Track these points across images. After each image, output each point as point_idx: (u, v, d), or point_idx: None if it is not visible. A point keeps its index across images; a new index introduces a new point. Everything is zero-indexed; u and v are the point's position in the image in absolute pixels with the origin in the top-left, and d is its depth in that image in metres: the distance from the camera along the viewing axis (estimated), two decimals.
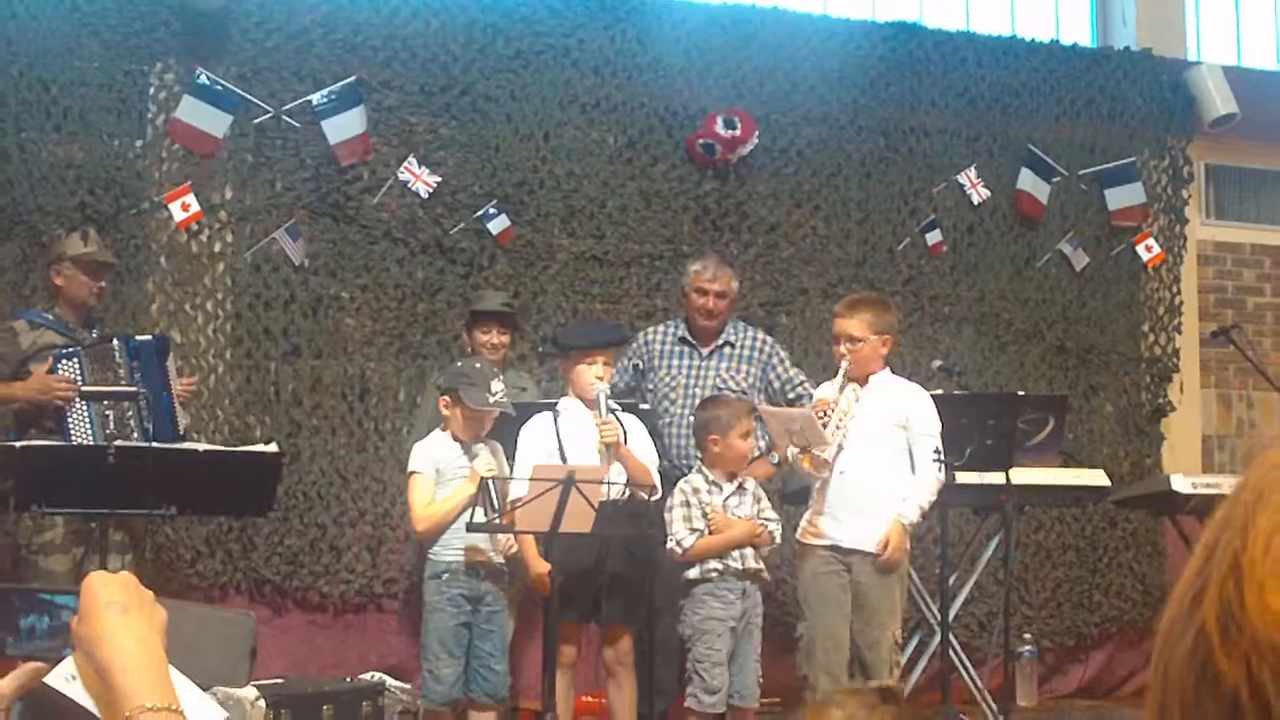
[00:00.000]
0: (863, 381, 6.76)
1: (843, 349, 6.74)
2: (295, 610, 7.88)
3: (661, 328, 7.70)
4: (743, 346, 7.54)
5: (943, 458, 6.66)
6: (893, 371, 6.93)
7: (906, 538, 6.67)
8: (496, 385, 6.56)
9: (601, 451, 6.56)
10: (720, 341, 7.52)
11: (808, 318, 8.82)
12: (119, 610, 1.51)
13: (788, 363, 7.68)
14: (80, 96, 7.80)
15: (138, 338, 6.93)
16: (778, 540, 6.76)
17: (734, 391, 7.28)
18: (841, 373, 6.71)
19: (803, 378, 7.62)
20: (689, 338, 7.54)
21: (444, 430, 6.64)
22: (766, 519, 6.70)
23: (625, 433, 6.62)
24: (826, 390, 6.80)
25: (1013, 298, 9.34)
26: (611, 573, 6.58)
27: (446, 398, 6.61)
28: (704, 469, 6.72)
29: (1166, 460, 9.49)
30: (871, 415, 6.67)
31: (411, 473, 6.62)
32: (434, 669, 6.45)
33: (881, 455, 6.63)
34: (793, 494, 7.69)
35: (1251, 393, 9.85)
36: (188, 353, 7.79)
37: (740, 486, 6.71)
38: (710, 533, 6.59)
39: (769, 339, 7.73)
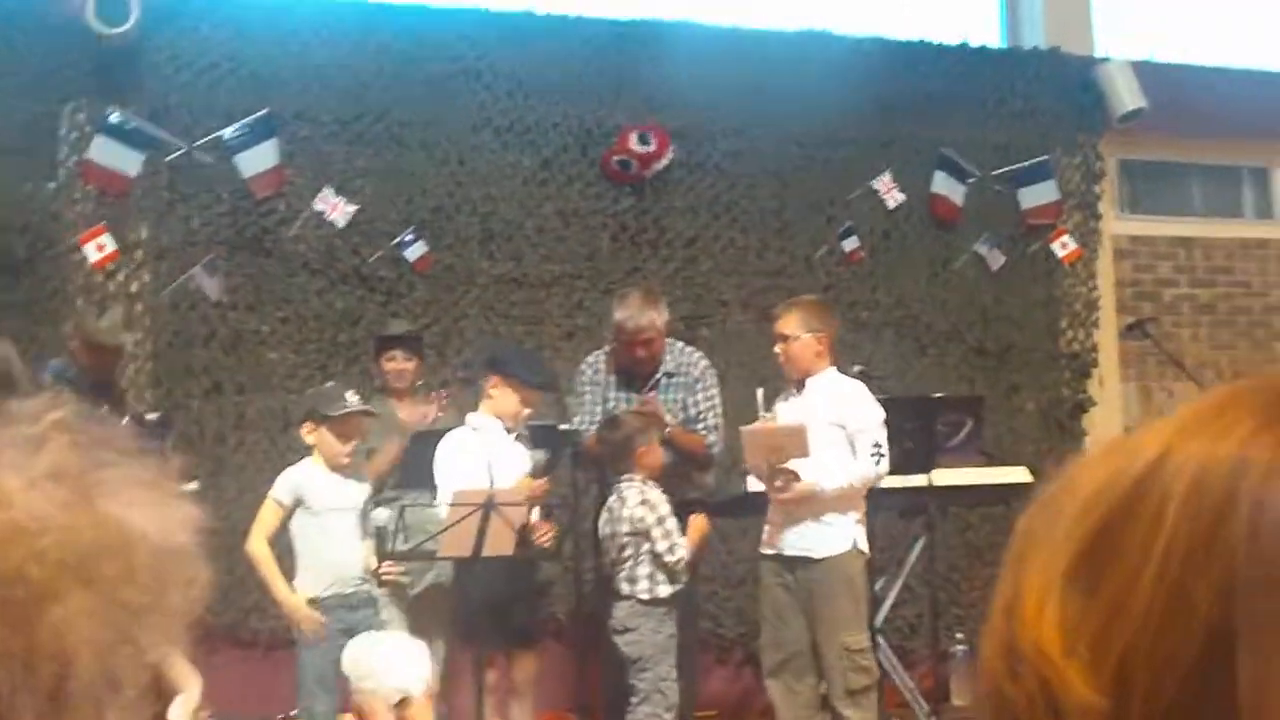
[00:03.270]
0: (800, 385, 6.77)
1: (777, 348, 6.77)
2: (225, 648, 7.85)
3: (602, 357, 7.32)
4: (684, 374, 7.23)
5: (883, 452, 6.65)
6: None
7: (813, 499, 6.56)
8: (351, 395, 6.49)
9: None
10: (659, 374, 7.22)
11: (728, 330, 8.88)
12: None
13: (711, 393, 7.27)
14: None
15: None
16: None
17: (682, 423, 7.10)
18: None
19: (715, 419, 7.21)
20: (627, 372, 7.21)
21: (314, 461, 6.47)
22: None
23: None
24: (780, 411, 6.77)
25: (931, 301, 9.43)
26: (510, 596, 6.56)
27: (308, 424, 6.47)
28: (645, 482, 6.64)
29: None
30: (808, 416, 6.64)
31: (269, 497, 6.44)
32: (309, 706, 6.28)
33: (821, 458, 6.56)
34: (720, 504, 7.70)
35: (1172, 384, 9.96)
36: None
37: None
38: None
39: (705, 365, 7.32)
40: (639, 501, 6.55)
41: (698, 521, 6.65)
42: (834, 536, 6.60)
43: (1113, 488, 0.81)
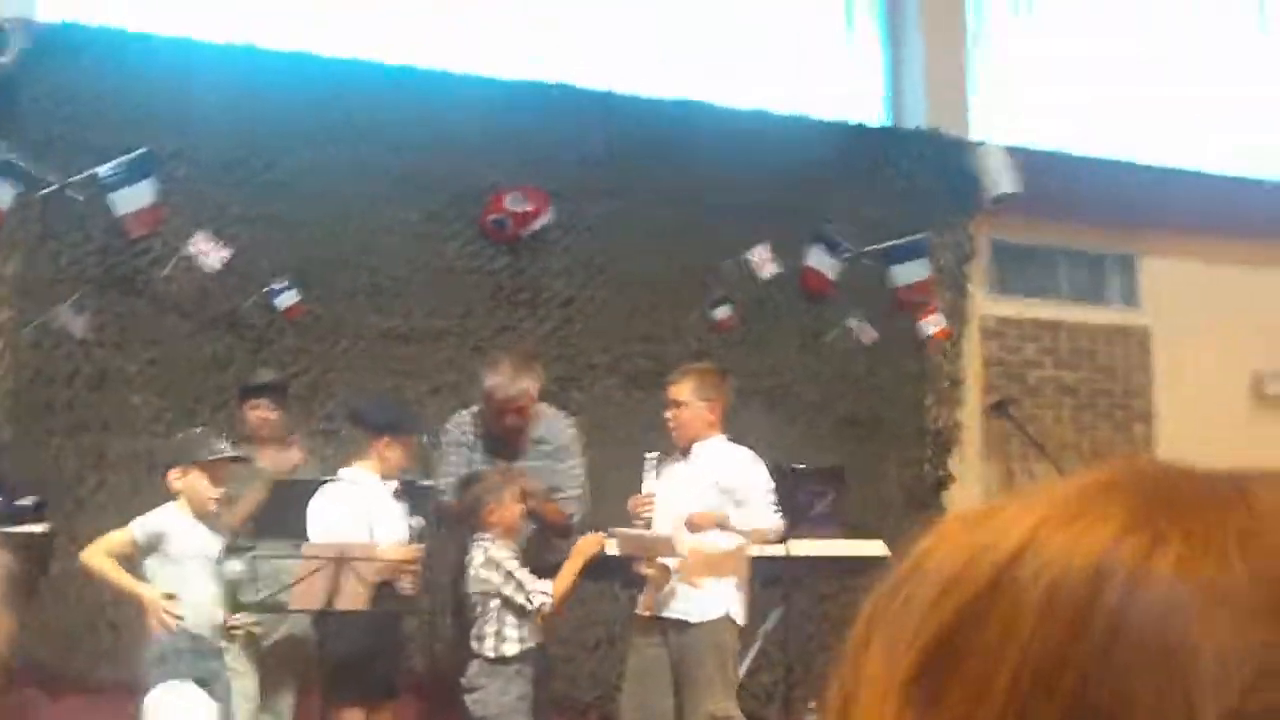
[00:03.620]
0: (686, 450, 6.84)
1: (668, 414, 6.84)
2: (72, 694, 7.70)
3: (468, 418, 7.23)
4: (550, 441, 7.15)
5: (777, 507, 6.78)
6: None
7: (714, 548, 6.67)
8: (222, 442, 6.49)
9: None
10: (530, 440, 7.15)
11: (597, 393, 8.92)
12: None
13: (574, 463, 7.21)
14: None
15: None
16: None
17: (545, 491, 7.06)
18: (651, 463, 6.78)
19: (577, 489, 7.16)
20: (495, 437, 7.12)
21: (178, 506, 6.42)
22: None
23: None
24: (648, 483, 6.83)
25: (802, 371, 9.54)
26: (370, 649, 6.55)
27: (176, 469, 6.42)
28: (495, 541, 6.63)
29: None
30: (693, 481, 6.74)
31: (126, 528, 6.37)
32: None
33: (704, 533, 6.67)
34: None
35: (1034, 465, 10.13)
36: None
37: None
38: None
39: (572, 433, 7.27)
40: (482, 562, 6.57)
41: (586, 542, 6.67)
42: (711, 602, 6.67)
43: (965, 582, 0.73)
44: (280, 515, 6.63)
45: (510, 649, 6.54)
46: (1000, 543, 0.72)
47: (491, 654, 6.54)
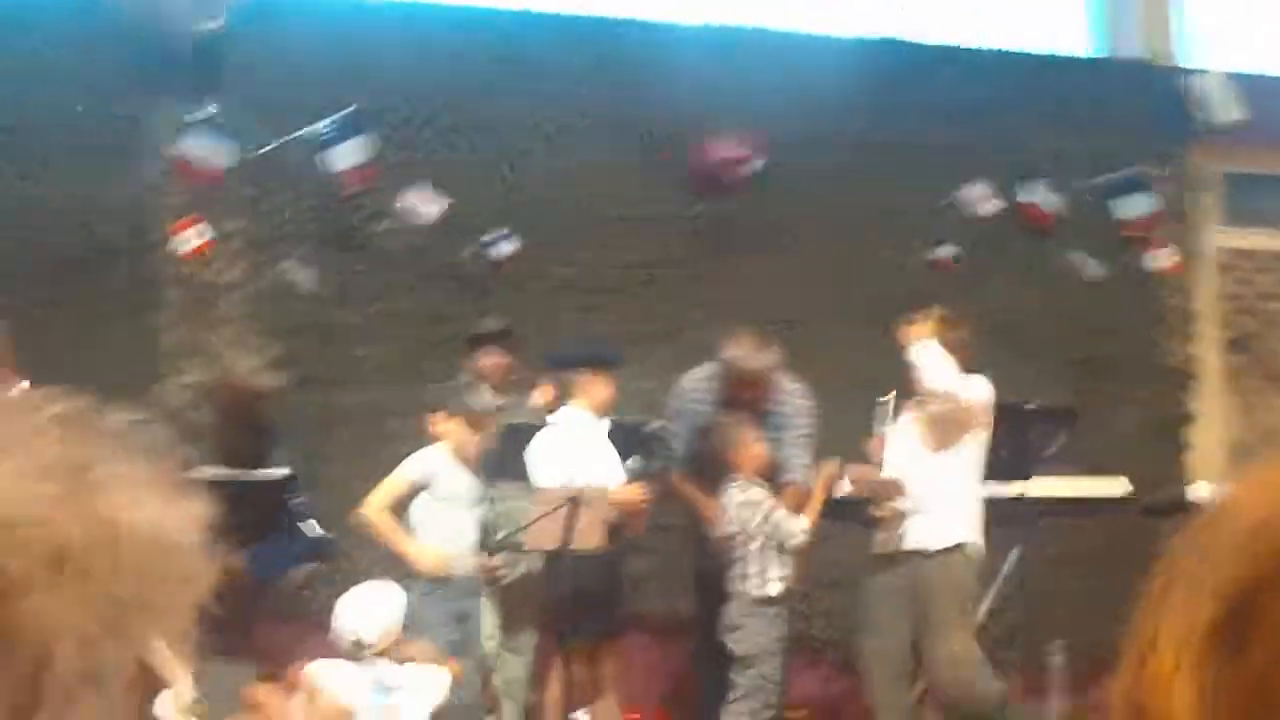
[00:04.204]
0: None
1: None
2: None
3: (703, 381, 7.25)
4: (780, 411, 7.16)
5: None
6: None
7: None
8: (487, 392, 6.70)
9: None
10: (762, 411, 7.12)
11: (816, 337, 8.68)
12: None
13: (801, 434, 7.17)
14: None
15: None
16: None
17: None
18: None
19: (801, 460, 7.14)
20: (730, 408, 7.09)
21: (442, 449, 6.68)
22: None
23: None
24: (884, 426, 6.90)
25: (1028, 309, 9.27)
26: (596, 590, 6.51)
27: (440, 413, 6.69)
28: (747, 481, 6.69)
29: (1193, 468, 9.40)
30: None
31: (397, 471, 6.69)
32: None
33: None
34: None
35: (1275, 401, 9.75)
36: None
37: None
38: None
39: (800, 403, 7.23)
40: (741, 502, 6.60)
41: (825, 469, 6.75)
42: (948, 531, 6.71)
43: (1268, 534, 0.71)
44: (514, 458, 6.64)
45: (774, 589, 6.57)
46: None
47: (756, 593, 6.53)
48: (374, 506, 6.56)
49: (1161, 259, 9.58)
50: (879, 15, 9.68)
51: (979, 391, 6.70)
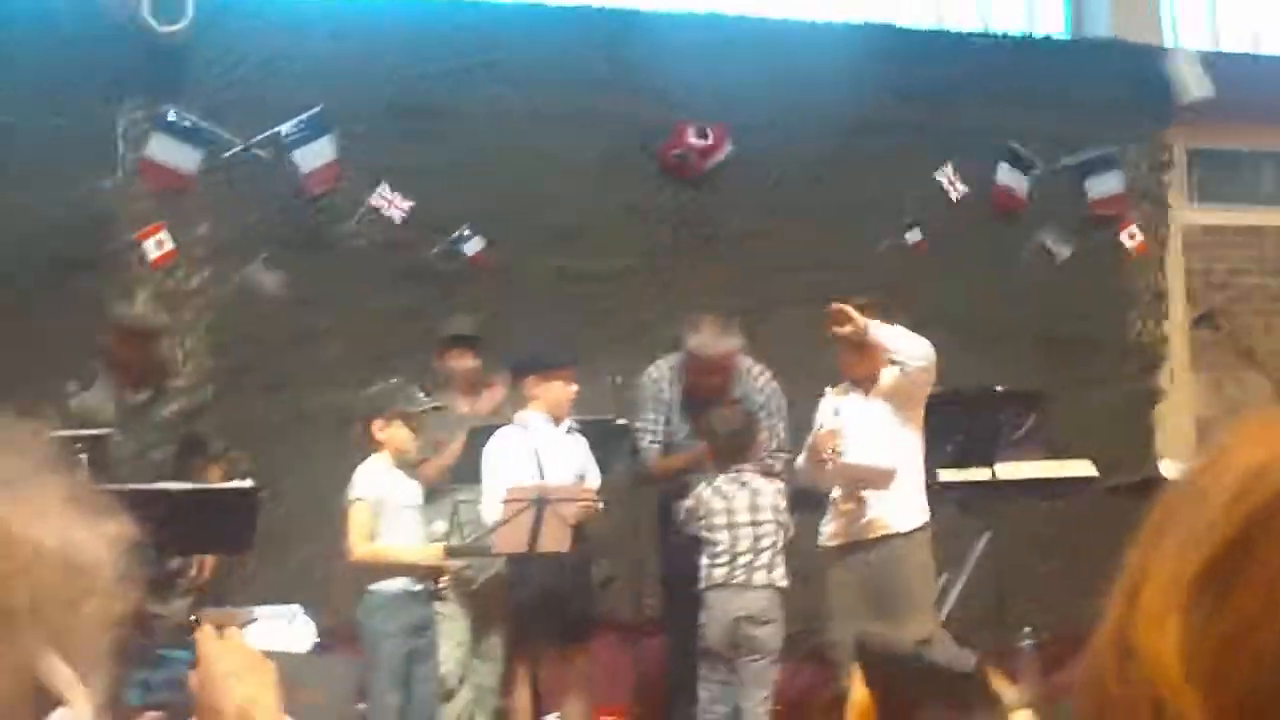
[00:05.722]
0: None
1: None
2: None
3: (667, 371, 7.19)
4: (749, 399, 7.10)
5: None
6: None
7: None
8: (417, 393, 6.60)
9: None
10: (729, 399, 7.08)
11: (785, 326, 8.71)
12: (236, 677, 1.69)
13: (774, 421, 7.17)
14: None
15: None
16: None
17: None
18: None
19: (778, 445, 7.14)
20: (694, 396, 7.06)
21: (381, 458, 6.52)
22: None
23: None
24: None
25: (999, 292, 9.29)
26: (563, 592, 6.50)
27: (379, 420, 6.50)
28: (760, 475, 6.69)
29: (1161, 447, 9.43)
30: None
31: (353, 500, 6.48)
32: (382, 703, 6.24)
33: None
34: None
35: (1243, 375, 9.77)
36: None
37: None
38: None
39: (770, 389, 7.20)
40: (776, 490, 6.57)
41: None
42: (911, 514, 6.64)
43: (1261, 485, 0.73)
44: (478, 460, 6.62)
45: (785, 581, 6.55)
46: None
47: (784, 583, 6.53)
48: (360, 545, 6.40)
49: (1129, 238, 9.61)
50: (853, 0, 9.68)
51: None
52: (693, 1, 9.18)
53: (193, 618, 6.17)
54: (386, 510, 6.42)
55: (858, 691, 1.88)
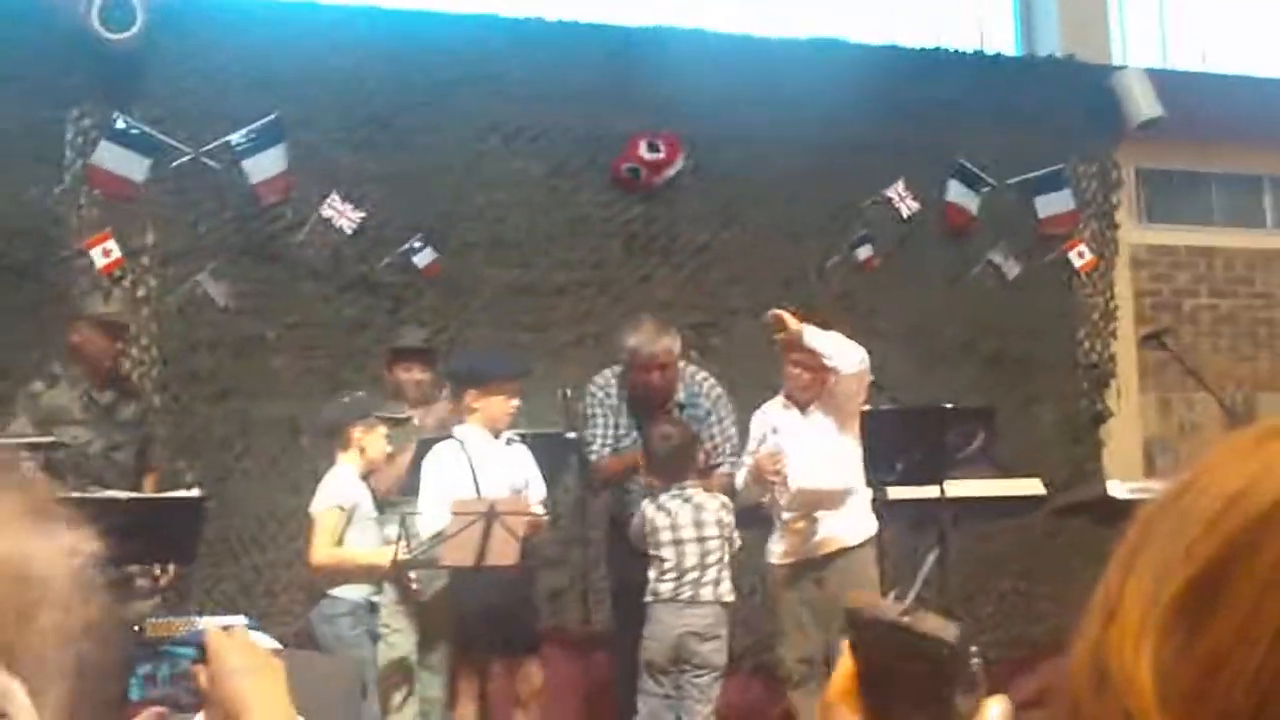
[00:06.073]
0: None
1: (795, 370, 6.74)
2: None
3: (613, 379, 7.12)
4: (696, 405, 7.05)
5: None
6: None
7: None
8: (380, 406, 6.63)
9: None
10: (675, 403, 7.06)
11: (737, 338, 8.75)
12: (247, 675, 1.67)
13: (725, 424, 7.10)
14: None
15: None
16: None
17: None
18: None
19: (731, 449, 7.06)
20: (639, 398, 7.04)
21: (348, 465, 6.58)
22: None
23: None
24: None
25: (948, 309, 9.33)
26: (509, 605, 6.46)
27: (359, 428, 6.55)
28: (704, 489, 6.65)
29: (1108, 466, 9.47)
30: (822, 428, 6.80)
31: (326, 506, 6.51)
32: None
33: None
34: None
35: (1191, 395, 9.84)
36: None
37: None
38: None
39: (717, 393, 7.14)
40: (721, 504, 6.54)
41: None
42: (863, 525, 6.71)
43: (1241, 508, 0.71)
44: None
45: (732, 596, 6.54)
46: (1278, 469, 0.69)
47: (729, 598, 6.50)
48: (323, 552, 6.40)
49: (1078, 256, 9.67)
50: (802, 15, 9.68)
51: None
52: (643, 15, 9.15)
53: (136, 627, 6.11)
54: (356, 518, 6.47)
55: (844, 662, 1.87)
